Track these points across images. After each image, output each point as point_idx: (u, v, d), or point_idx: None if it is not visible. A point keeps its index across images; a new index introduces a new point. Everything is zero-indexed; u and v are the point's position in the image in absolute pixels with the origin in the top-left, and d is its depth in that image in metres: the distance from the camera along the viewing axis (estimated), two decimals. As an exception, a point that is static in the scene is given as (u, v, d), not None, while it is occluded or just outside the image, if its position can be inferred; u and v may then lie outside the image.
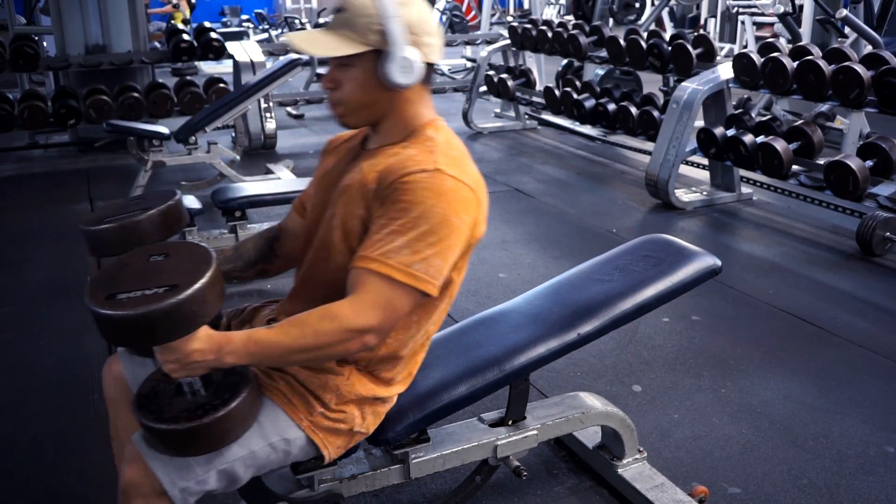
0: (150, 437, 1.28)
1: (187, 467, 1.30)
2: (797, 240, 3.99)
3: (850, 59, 3.83)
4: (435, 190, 1.30)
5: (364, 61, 1.34)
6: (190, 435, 1.24)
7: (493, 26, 10.64)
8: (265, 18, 13.66)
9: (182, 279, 1.19)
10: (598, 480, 2.02)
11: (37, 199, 4.91)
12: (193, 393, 1.28)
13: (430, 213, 1.29)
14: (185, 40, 6.06)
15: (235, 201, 3.23)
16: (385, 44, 1.32)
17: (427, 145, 1.38)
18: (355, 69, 1.36)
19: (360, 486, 1.61)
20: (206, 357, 1.22)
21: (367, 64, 1.35)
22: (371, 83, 1.36)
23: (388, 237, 1.29)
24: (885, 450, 2.17)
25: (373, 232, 1.32)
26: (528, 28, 6.40)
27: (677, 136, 4.43)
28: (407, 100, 1.41)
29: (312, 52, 1.38)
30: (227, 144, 5.66)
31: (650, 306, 1.74)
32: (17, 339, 2.89)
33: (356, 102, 1.39)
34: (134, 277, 1.22)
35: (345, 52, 1.33)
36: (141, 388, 1.34)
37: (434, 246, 1.29)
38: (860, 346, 2.80)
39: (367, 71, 1.35)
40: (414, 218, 1.29)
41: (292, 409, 1.40)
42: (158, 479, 1.28)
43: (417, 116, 1.43)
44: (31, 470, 2.11)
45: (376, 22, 1.32)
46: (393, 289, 1.28)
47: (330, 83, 1.39)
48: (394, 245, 1.28)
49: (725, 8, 10.09)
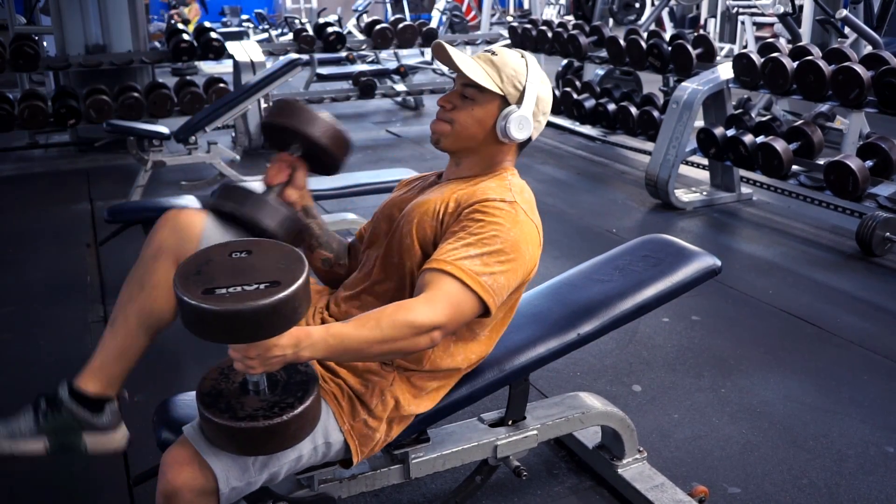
0: (219, 436, 1.27)
1: (245, 467, 1.31)
2: (797, 240, 3.99)
3: (850, 59, 3.83)
4: (511, 218, 1.43)
5: (490, 102, 1.50)
6: (267, 433, 1.23)
7: (493, 26, 10.64)
8: (265, 18, 13.66)
9: (281, 276, 1.17)
10: (598, 480, 2.02)
11: (37, 199, 4.91)
12: (257, 392, 1.28)
13: (505, 235, 1.40)
14: (185, 40, 6.06)
15: (235, 201, 3.23)
16: (516, 99, 1.50)
17: (504, 184, 1.51)
18: (479, 104, 1.50)
19: (360, 486, 1.61)
20: (286, 352, 1.22)
21: (491, 105, 1.50)
22: (485, 122, 1.50)
23: (463, 248, 1.38)
24: (885, 450, 2.18)
25: (447, 242, 1.41)
26: (528, 28, 6.40)
27: (677, 136, 4.43)
28: (500, 149, 1.55)
29: (462, 66, 1.47)
30: (227, 144, 5.68)
31: (650, 306, 1.74)
32: (17, 339, 2.89)
33: (464, 132, 1.51)
34: (224, 273, 1.20)
35: (485, 84, 1.48)
36: (201, 387, 1.32)
37: (503, 264, 1.39)
38: (860, 346, 2.80)
39: (488, 111, 1.50)
40: (489, 236, 1.39)
41: (339, 412, 1.43)
42: (216, 477, 1.27)
43: (501, 162, 1.57)
44: (32, 470, 2.11)
45: (519, 80, 1.50)
46: (462, 292, 1.35)
47: (449, 103, 1.52)
48: (467, 254, 1.37)
49: (725, 8, 10.08)
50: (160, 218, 1.59)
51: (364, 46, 7.03)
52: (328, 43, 6.56)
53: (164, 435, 1.45)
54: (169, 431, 1.45)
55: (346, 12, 11.51)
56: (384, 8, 14.26)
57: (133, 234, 3.09)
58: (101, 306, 3.15)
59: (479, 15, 13.10)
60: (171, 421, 1.48)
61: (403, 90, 7.51)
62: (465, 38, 8.36)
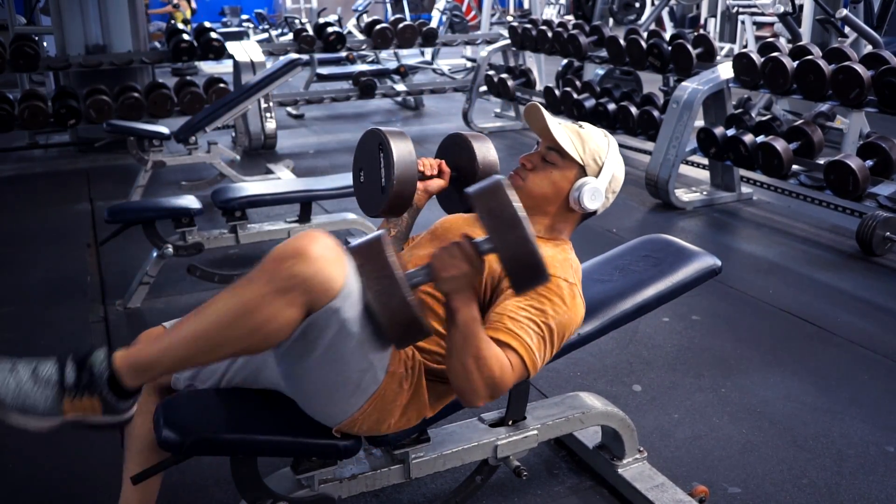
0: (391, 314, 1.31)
1: (357, 305, 1.31)
2: (797, 240, 3.99)
3: (850, 58, 3.83)
4: (568, 301, 1.49)
5: (570, 169, 1.60)
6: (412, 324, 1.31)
7: (493, 26, 10.63)
8: (265, 18, 13.64)
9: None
10: (599, 480, 2.02)
11: (37, 199, 4.91)
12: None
13: (561, 317, 1.47)
14: (185, 40, 6.06)
15: (235, 201, 3.23)
16: (594, 172, 1.61)
17: (562, 255, 1.58)
18: (559, 169, 1.60)
19: (360, 486, 1.61)
20: (465, 281, 1.33)
21: (569, 172, 1.60)
22: (559, 186, 1.60)
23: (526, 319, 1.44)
24: (885, 449, 2.18)
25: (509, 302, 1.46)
26: (528, 28, 6.39)
27: (677, 135, 4.43)
28: (565, 216, 1.64)
29: (553, 130, 1.58)
30: (227, 144, 5.67)
31: (650, 306, 1.74)
32: (17, 339, 2.89)
33: (538, 191, 1.61)
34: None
35: (569, 151, 1.59)
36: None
37: (551, 345, 1.47)
38: (860, 346, 2.80)
39: (566, 177, 1.60)
40: (549, 315, 1.46)
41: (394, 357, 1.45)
42: (346, 280, 1.28)
43: (562, 231, 1.66)
44: (32, 470, 2.11)
45: (600, 154, 1.61)
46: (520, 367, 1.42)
47: (530, 163, 1.63)
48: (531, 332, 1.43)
49: (725, 8, 10.07)
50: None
51: (364, 46, 7.03)
52: (328, 43, 6.56)
53: (165, 434, 1.44)
54: (171, 431, 1.42)
55: (346, 12, 11.50)
56: (384, 8, 14.26)
57: (133, 234, 3.09)
58: (101, 306, 3.15)
59: (479, 15, 13.10)
60: (173, 420, 1.46)
61: (403, 90, 7.51)
62: (465, 37, 8.36)
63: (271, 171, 5.15)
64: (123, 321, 3.03)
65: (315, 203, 3.51)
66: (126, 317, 3.07)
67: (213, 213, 3.64)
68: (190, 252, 3.17)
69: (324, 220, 3.51)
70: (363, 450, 1.65)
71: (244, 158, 5.52)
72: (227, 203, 3.22)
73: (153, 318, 3.03)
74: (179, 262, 3.21)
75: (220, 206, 3.25)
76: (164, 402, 1.50)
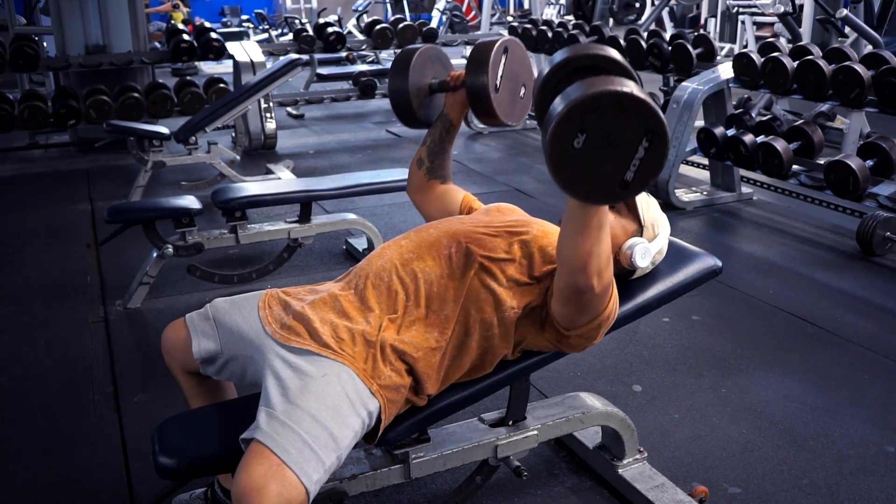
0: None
1: (317, 457, 1.29)
2: (797, 240, 3.99)
3: (850, 58, 3.83)
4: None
5: (630, 223, 1.63)
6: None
7: (493, 26, 10.63)
8: (265, 18, 13.65)
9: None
10: (599, 480, 2.02)
11: (37, 199, 4.91)
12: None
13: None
14: (185, 40, 6.06)
15: (235, 201, 3.23)
16: (649, 237, 1.64)
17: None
18: (622, 216, 1.63)
19: (360, 486, 1.61)
20: None
21: (629, 225, 1.63)
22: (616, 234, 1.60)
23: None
24: (886, 450, 2.17)
25: None
26: (529, 28, 6.40)
27: (677, 135, 4.43)
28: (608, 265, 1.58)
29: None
30: (227, 144, 5.67)
31: (651, 307, 1.74)
32: (17, 339, 2.89)
33: None
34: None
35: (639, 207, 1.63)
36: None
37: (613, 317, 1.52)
38: (860, 346, 2.80)
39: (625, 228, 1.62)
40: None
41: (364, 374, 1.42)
42: (301, 481, 1.25)
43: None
44: (32, 470, 2.11)
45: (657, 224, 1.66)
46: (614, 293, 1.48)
47: None
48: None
49: (725, 8, 10.08)
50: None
51: (364, 46, 7.03)
52: (328, 43, 6.56)
53: (161, 461, 1.43)
54: (167, 457, 1.42)
55: (346, 12, 11.51)
56: (384, 8, 14.27)
57: (133, 234, 3.09)
58: (101, 306, 3.15)
59: (479, 15, 13.11)
60: (170, 448, 1.45)
61: (403, 90, 7.49)
62: (465, 37, 8.36)
63: (271, 171, 5.14)
64: (123, 321, 3.03)
65: (315, 203, 3.51)
66: (126, 317, 3.07)
67: (213, 213, 3.64)
68: (190, 252, 3.17)
69: (324, 220, 3.51)
70: (363, 450, 1.65)
71: (244, 158, 5.52)
72: (227, 203, 3.22)
73: (153, 319, 3.03)
74: (179, 262, 3.21)
75: (220, 207, 3.25)
76: (158, 428, 1.50)
